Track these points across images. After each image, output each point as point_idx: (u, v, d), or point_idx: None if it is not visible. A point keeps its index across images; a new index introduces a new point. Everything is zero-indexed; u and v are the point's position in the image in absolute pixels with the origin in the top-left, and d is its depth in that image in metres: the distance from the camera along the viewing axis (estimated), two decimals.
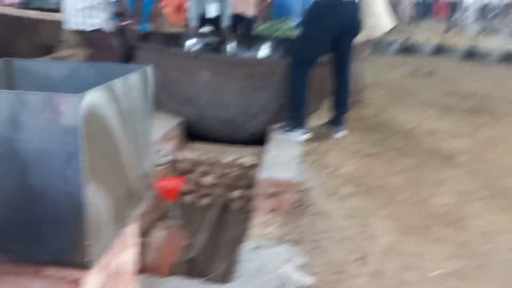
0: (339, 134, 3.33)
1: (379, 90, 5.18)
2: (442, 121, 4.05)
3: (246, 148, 3.53)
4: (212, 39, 4.63)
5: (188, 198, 3.59)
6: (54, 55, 5.61)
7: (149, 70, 1.36)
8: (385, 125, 3.86)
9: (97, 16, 3.21)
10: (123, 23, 3.43)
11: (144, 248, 2.11)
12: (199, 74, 3.13)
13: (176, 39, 4.35)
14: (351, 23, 3.07)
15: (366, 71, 4.59)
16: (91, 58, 3.41)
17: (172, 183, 2.65)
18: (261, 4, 5.69)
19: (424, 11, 16.31)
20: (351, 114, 3.87)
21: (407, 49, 8.55)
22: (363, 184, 2.63)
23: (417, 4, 16.37)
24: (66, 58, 5.23)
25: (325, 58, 3.21)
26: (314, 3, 3.02)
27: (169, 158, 3.23)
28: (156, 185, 1.95)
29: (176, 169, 3.38)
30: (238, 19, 5.41)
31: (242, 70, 3.08)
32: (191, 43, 4.48)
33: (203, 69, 3.10)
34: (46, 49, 5.56)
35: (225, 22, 5.07)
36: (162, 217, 2.89)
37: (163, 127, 3.31)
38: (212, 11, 5.02)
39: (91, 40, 3.33)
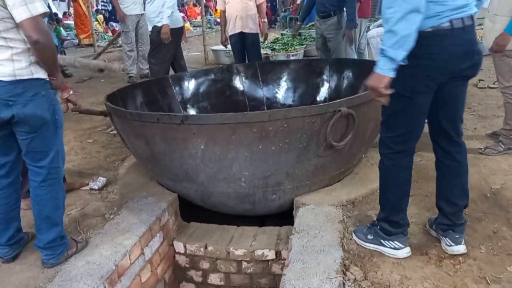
0: (456, 249, 1.96)
1: None
2: None
3: (267, 230, 2.58)
4: (218, 75, 3.75)
5: None
6: None
7: None
8: None
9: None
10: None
11: None
12: (191, 143, 2.22)
13: (170, 83, 3.50)
14: (468, 62, 1.74)
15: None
16: None
17: None
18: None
19: None
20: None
21: None
22: None
23: None
24: None
25: None
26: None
27: None
28: None
29: None
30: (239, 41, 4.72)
31: (248, 132, 2.14)
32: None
33: (195, 136, 2.18)
34: None
35: None
36: None
37: (148, 215, 2.42)
38: None
39: None
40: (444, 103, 1.84)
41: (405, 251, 1.96)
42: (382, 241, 2.00)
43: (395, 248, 1.97)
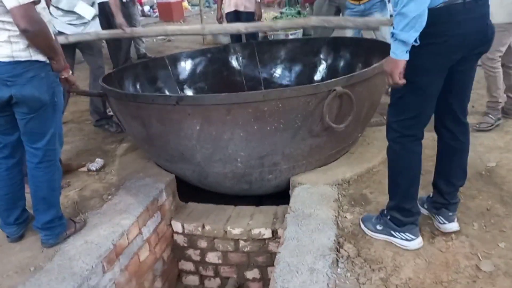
0: (449, 227, 1.96)
1: None
2: None
3: (264, 210, 2.61)
4: (215, 55, 3.72)
5: (191, 279, 2.74)
6: None
7: None
8: None
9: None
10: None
11: None
12: (186, 124, 2.22)
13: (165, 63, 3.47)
14: (481, 37, 1.67)
15: None
16: None
17: None
18: None
19: None
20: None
21: None
22: None
23: None
24: None
25: None
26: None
27: None
28: None
29: None
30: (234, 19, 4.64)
31: (243, 112, 2.14)
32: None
33: (190, 117, 2.18)
34: None
35: None
36: None
37: (146, 196, 2.44)
38: None
39: None
40: (455, 83, 1.76)
41: (417, 242, 1.89)
42: (392, 232, 1.92)
43: (406, 240, 1.89)
